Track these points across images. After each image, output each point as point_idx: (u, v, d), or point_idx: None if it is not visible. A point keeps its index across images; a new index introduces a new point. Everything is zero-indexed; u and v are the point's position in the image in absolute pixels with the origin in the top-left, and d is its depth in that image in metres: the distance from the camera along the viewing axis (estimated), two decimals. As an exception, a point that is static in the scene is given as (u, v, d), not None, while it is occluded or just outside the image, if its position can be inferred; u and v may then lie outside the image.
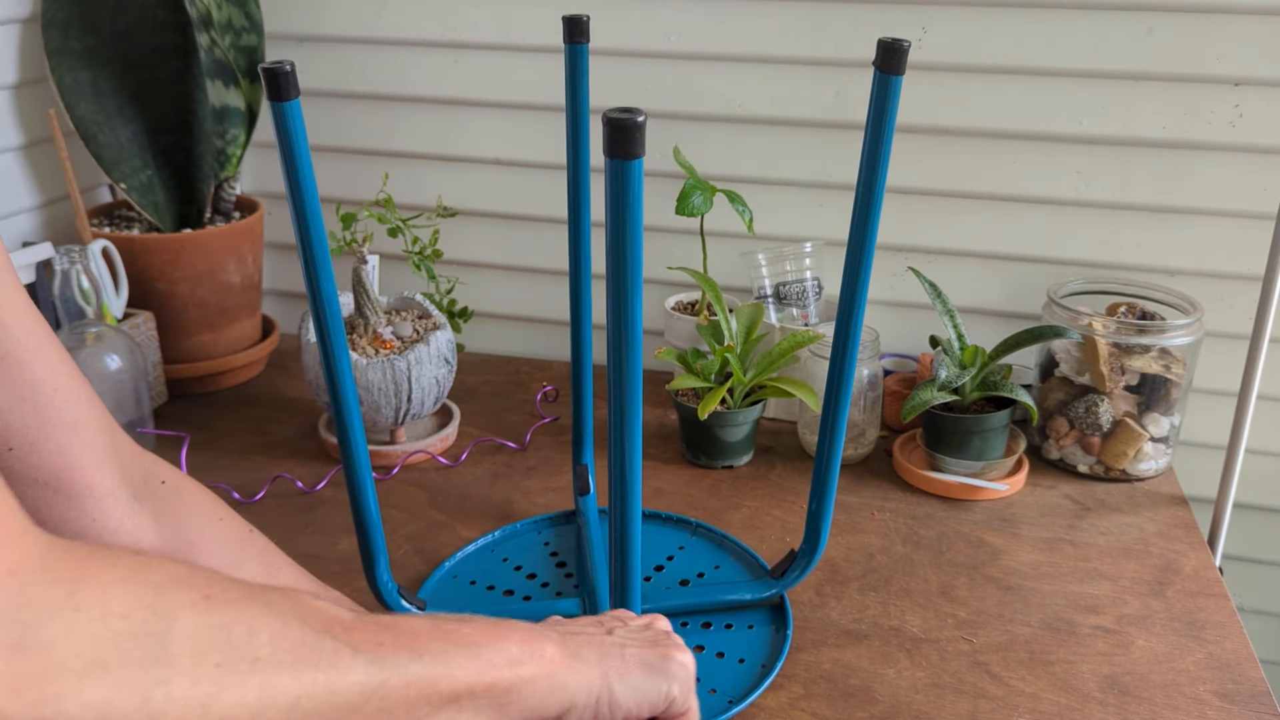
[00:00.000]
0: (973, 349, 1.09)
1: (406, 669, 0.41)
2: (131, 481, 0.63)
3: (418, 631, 0.43)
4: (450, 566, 0.97)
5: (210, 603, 0.35)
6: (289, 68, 0.64)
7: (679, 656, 0.57)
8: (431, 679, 0.42)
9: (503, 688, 0.45)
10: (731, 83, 1.25)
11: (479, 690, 0.44)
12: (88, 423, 0.60)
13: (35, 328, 0.57)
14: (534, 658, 0.47)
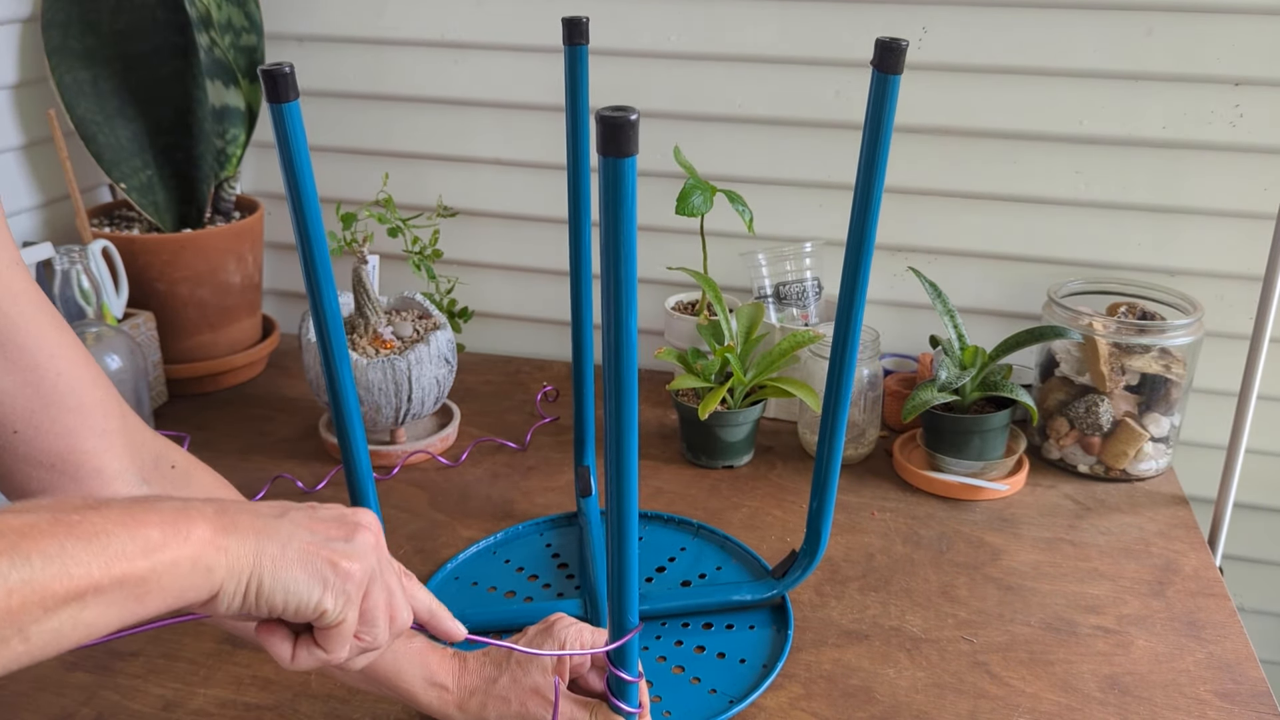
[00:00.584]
0: (973, 349, 1.09)
1: (7, 576, 0.38)
2: (141, 464, 0.63)
3: (28, 529, 0.39)
4: (452, 568, 0.97)
5: None
6: (288, 69, 0.64)
7: (345, 564, 0.50)
8: (41, 582, 0.39)
9: (137, 577, 0.42)
10: (731, 83, 1.25)
11: (105, 584, 0.41)
12: (94, 406, 0.60)
13: (38, 313, 0.58)
14: (177, 539, 0.43)
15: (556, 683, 0.70)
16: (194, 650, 0.85)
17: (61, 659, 0.84)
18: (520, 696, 0.70)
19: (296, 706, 0.79)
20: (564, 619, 0.74)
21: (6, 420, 0.58)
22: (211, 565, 0.45)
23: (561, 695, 0.70)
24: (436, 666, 0.71)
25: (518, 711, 0.70)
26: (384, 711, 0.78)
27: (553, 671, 0.70)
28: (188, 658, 0.84)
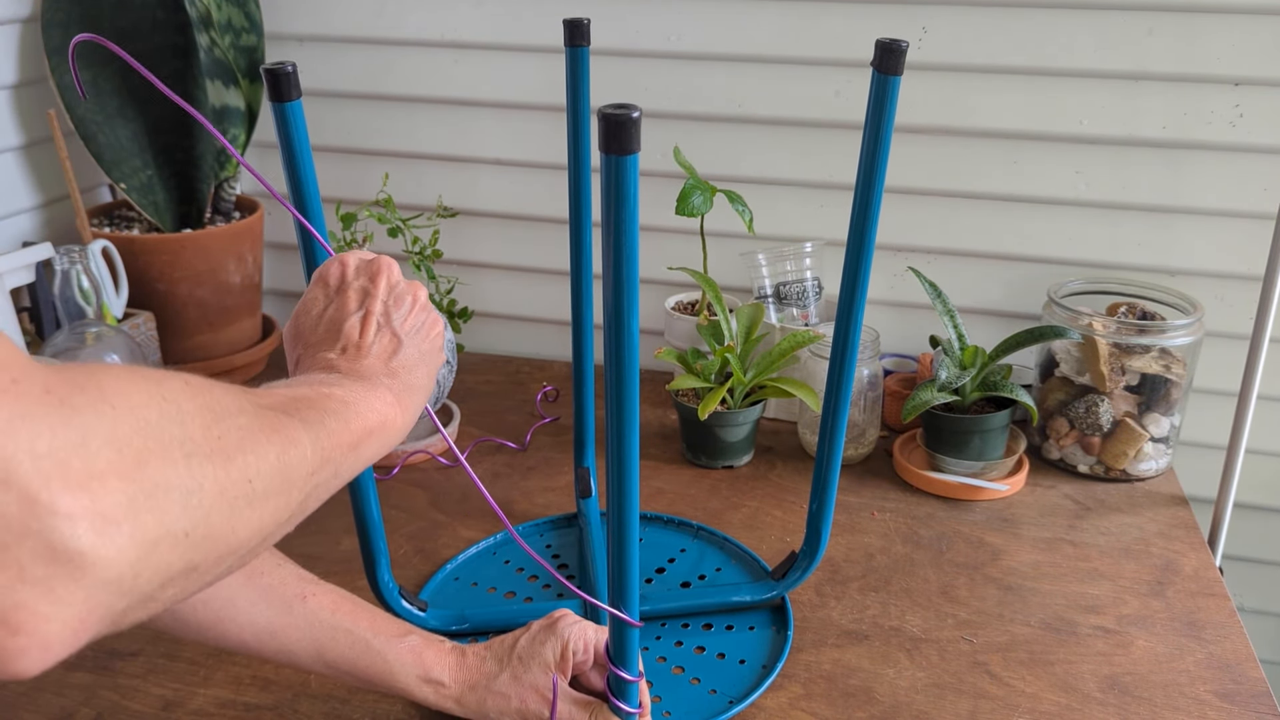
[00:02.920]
0: (973, 349, 1.09)
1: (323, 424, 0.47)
2: None
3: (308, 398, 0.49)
4: (452, 568, 0.97)
5: (190, 387, 0.38)
6: (290, 69, 0.64)
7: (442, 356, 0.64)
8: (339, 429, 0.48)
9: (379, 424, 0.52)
10: (731, 83, 1.25)
11: (371, 429, 0.51)
12: None
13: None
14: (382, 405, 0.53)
15: (556, 681, 0.70)
16: (194, 650, 0.85)
17: (61, 659, 0.84)
18: (520, 694, 0.70)
19: (296, 706, 0.79)
20: (568, 615, 0.74)
21: None
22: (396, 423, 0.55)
23: (561, 694, 0.70)
24: (432, 662, 0.71)
25: (517, 708, 0.70)
26: (384, 711, 0.78)
27: (554, 669, 0.70)
28: (187, 658, 0.84)
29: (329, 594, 0.69)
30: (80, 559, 0.30)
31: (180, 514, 0.34)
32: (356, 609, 0.70)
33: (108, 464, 0.31)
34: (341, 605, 0.69)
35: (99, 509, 0.30)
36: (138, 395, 0.34)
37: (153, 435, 0.34)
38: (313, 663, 0.68)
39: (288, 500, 0.42)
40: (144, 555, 0.32)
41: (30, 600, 0.29)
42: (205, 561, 0.36)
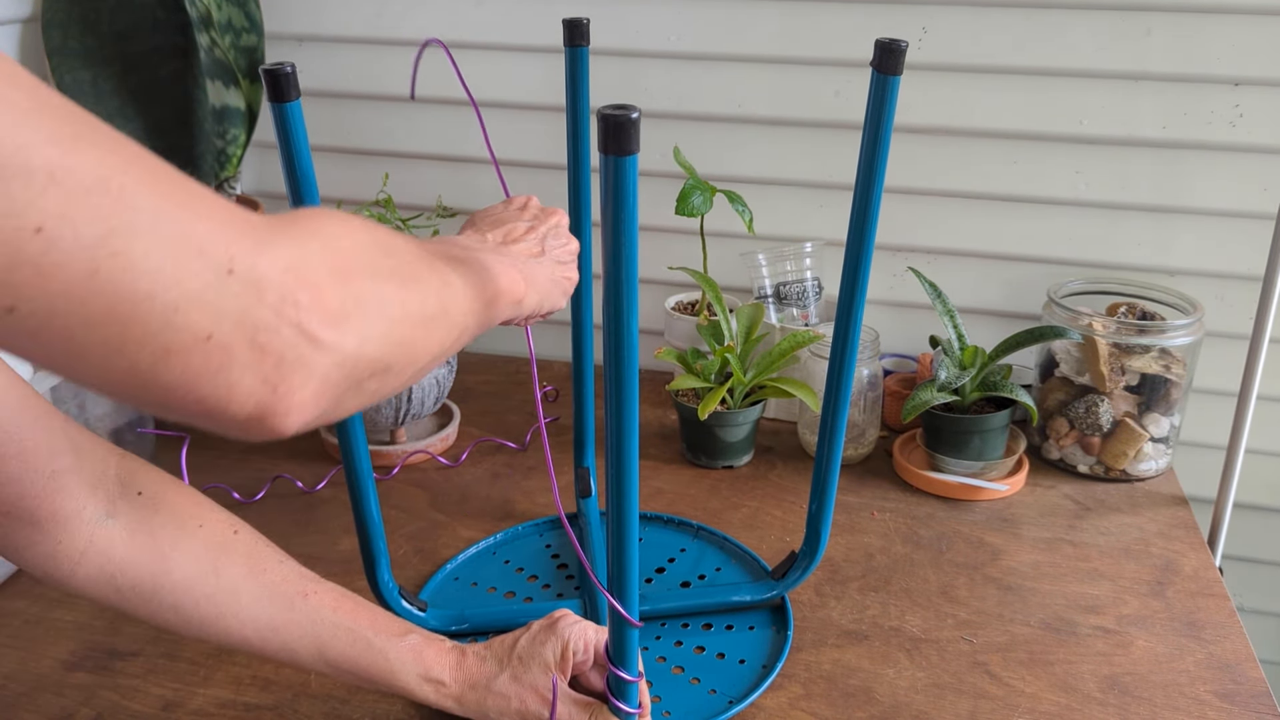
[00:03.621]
0: (973, 349, 1.09)
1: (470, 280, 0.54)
2: (105, 496, 0.62)
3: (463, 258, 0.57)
4: (452, 568, 0.97)
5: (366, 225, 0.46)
6: (289, 69, 0.64)
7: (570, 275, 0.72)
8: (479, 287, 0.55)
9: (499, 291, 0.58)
10: (731, 83, 1.25)
11: (501, 294, 0.58)
12: (36, 448, 0.58)
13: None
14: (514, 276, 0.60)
15: (555, 681, 0.70)
16: (194, 650, 0.85)
17: (61, 660, 0.84)
18: (520, 694, 0.70)
19: (296, 706, 0.79)
20: (568, 615, 0.74)
21: None
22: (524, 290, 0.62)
23: (561, 694, 0.70)
24: (432, 661, 0.71)
25: (517, 709, 0.70)
26: (384, 711, 0.78)
27: (554, 669, 0.70)
28: (187, 658, 0.84)
29: (330, 592, 0.69)
30: (320, 343, 0.39)
31: (378, 320, 0.42)
32: (358, 607, 0.70)
33: (329, 276, 0.40)
34: (343, 604, 0.69)
35: (330, 307, 0.39)
36: (334, 228, 0.43)
37: (351, 258, 0.42)
38: (313, 661, 0.68)
39: (448, 330, 0.50)
40: (359, 346, 0.41)
41: (287, 374, 0.38)
42: (397, 364, 0.44)
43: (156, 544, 0.63)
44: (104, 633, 0.87)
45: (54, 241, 0.32)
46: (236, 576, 0.66)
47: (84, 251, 0.32)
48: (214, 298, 0.35)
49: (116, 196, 0.33)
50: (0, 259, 0.31)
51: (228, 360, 0.36)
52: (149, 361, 0.35)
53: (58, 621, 0.89)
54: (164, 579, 0.63)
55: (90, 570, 0.61)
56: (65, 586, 0.62)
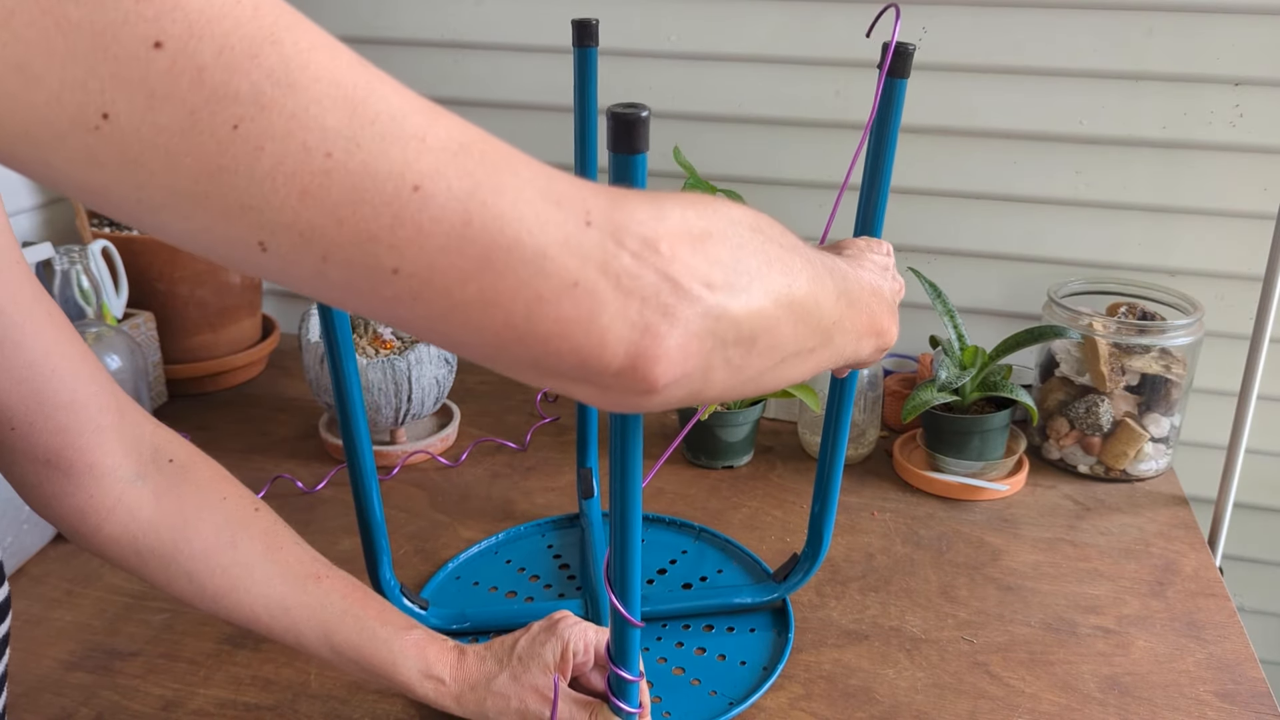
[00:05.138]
0: (973, 349, 1.09)
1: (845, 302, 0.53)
2: (139, 459, 0.64)
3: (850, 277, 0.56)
4: (453, 567, 0.97)
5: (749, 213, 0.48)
6: None
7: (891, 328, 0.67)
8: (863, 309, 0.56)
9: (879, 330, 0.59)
10: (732, 83, 1.25)
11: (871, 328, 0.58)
12: (87, 401, 0.61)
13: (34, 309, 0.58)
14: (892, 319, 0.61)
15: (556, 681, 0.70)
16: (194, 650, 0.85)
17: (61, 659, 0.84)
18: (520, 694, 0.70)
19: (296, 706, 0.79)
20: (569, 617, 0.74)
21: (3, 418, 0.58)
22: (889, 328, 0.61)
23: (561, 694, 0.70)
24: (434, 658, 0.71)
25: (517, 709, 0.70)
26: (384, 711, 0.78)
27: (554, 670, 0.70)
28: (187, 658, 0.84)
29: (341, 579, 0.70)
30: (683, 290, 0.39)
31: (743, 281, 0.42)
32: (366, 597, 0.70)
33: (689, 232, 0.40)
34: (353, 591, 0.70)
35: (690, 260, 0.40)
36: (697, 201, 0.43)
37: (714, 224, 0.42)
38: (318, 644, 0.68)
39: (813, 331, 0.49)
40: (725, 301, 0.41)
41: (655, 320, 0.38)
42: (762, 340, 0.44)
43: (181, 511, 0.65)
44: (104, 633, 0.87)
45: (431, 196, 0.34)
46: (253, 552, 0.67)
47: (457, 203, 0.34)
48: (577, 244, 0.37)
49: (479, 157, 0.35)
50: (385, 218, 0.33)
51: (597, 306, 0.37)
52: (523, 312, 0.36)
53: (58, 621, 0.89)
54: (184, 546, 0.64)
55: (115, 529, 0.63)
56: (89, 542, 0.63)
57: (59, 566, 0.95)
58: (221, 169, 0.31)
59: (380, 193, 0.33)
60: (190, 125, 0.30)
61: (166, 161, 0.31)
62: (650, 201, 0.40)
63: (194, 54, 0.30)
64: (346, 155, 0.33)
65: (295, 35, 0.33)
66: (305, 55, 0.33)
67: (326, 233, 0.33)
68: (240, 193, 0.32)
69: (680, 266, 0.39)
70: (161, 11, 0.30)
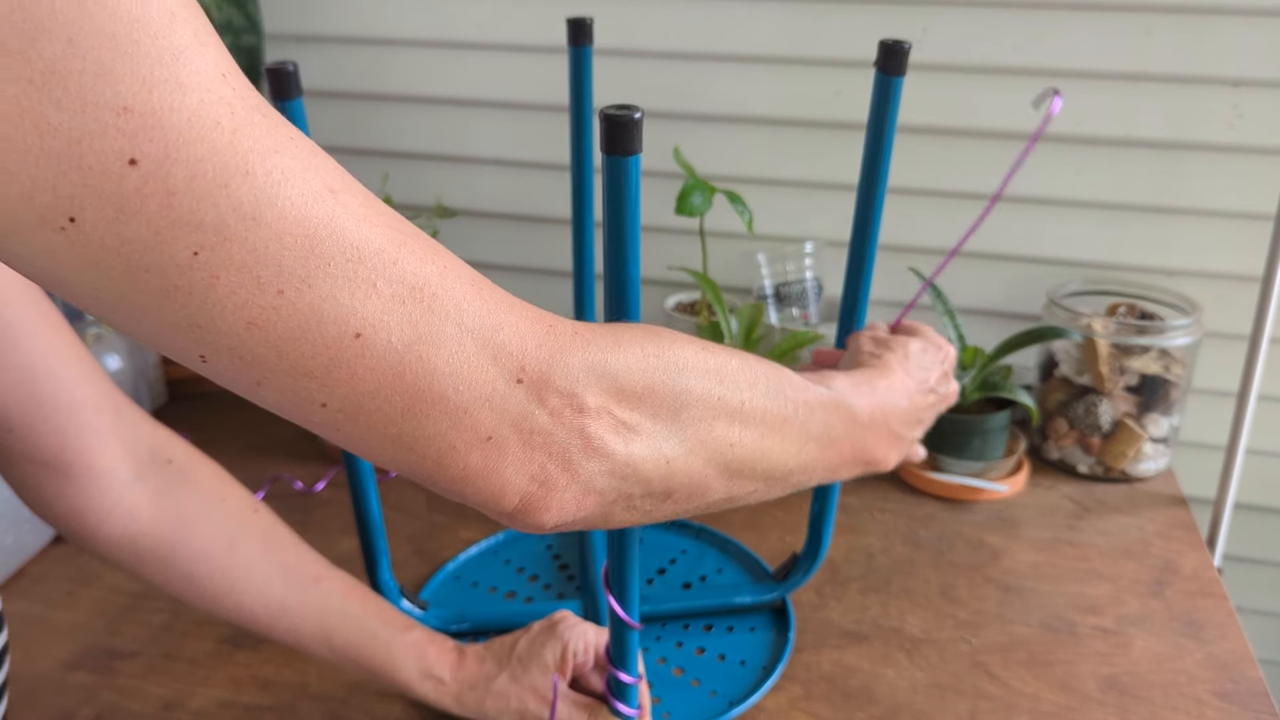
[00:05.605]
0: (973, 350, 1.09)
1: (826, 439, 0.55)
2: (137, 460, 0.64)
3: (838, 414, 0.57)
4: (453, 568, 0.97)
5: (706, 351, 0.47)
6: (292, 68, 0.64)
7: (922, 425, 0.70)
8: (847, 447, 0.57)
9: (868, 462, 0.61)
10: (731, 83, 1.25)
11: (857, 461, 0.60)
12: (86, 403, 0.61)
13: (32, 310, 0.58)
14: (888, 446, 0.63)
15: (556, 682, 0.70)
16: (194, 650, 0.85)
17: (61, 660, 0.84)
18: (519, 695, 0.70)
19: (296, 707, 0.79)
20: (569, 617, 0.74)
21: (1, 420, 0.58)
22: None
23: (561, 695, 0.70)
24: (434, 659, 0.71)
25: (516, 709, 0.70)
26: (384, 712, 0.78)
27: (553, 671, 0.71)
28: (187, 658, 0.84)
29: (341, 579, 0.70)
30: (593, 451, 0.41)
31: (667, 449, 0.44)
32: (366, 597, 0.70)
33: (621, 388, 0.42)
34: (353, 592, 0.70)
35: (612, 419, 0.41)
36: (653, 345, 0.44)
37: (658, 377, 0.43)
38: (318, 645, 0.69)
39: (747, 480, 0.49)
40: (637, 465, 0.42)
41: (555, 475, 0.40)
42: (680, 493, 0.45)
43: (180, 512, 0.65)
44: (104, 633, 0.87)
45: (370, 345, 0.35)
46: (253, 553, 0.67)
47: (394, 355, 0.35)
48: (500, 402, 0.38)
49: (428, 303, 0.36)
50: (322, 358, 0.34)
51: (502, 459, 0.39)
52: (434, 457, 0.38)
53: (58, 621, 0.89)
54: (183, 548, 0.65)
55: (114, 530, 0.63)
56: (88, 544, 0.64)
57: (59, 566, 0.95)
58: (176, 289, 0.32)
59: (323, 335, 0.34)
60: (153, 244, 0.31)
61: (125, 271, 0.31)
62: (601, 349, 0.41)
63: (166, 176, 0.30)
64: (297, 294, 0.33)
65: (269, 165, 0.32)
66: (276, 189, 0.32)
67: (266, 361, 0.34)
68: (190, 312, 0.32)
69: (598, 423, 0.41)
70: (140, 128, 0.30)
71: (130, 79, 0.29)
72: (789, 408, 0.51)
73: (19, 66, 0.28)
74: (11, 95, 0.28)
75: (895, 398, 0.64)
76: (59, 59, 0.28)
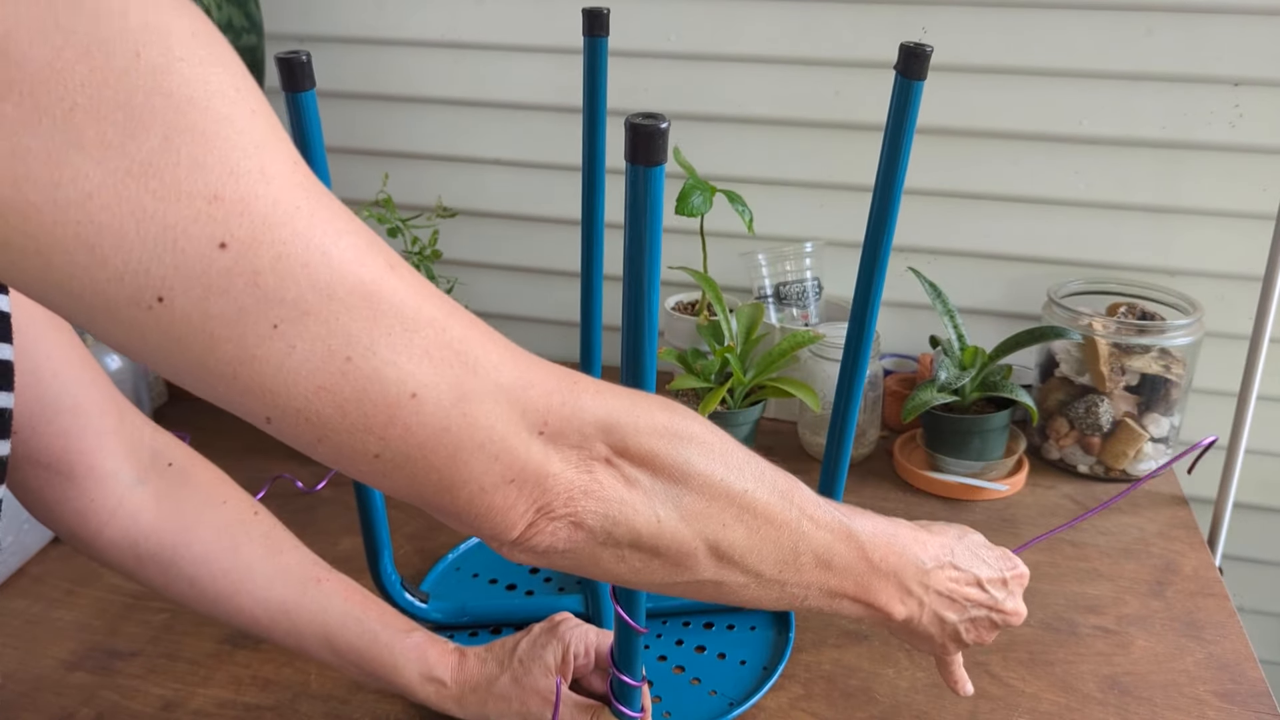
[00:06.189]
0: (973, 349, 1.09)
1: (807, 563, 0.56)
2: (138, 463, 0.64)
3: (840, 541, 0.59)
4: (453, 559, 0.97)
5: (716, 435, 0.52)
6: (305, 57, 0.63)
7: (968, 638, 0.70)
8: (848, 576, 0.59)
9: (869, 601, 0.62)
10: (731, 83, 1.25)
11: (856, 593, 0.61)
12: (89, 406, 0.61)
13: (35, 313, 0.58)
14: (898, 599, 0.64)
15: (558, 683, 0.70)
16: (194, 650, 0.85)
17: (61, 660, 0.84)
18: (521, 696, 0.70)
19: (296, 707, 0.79)
20: (569, 619, 0.74)
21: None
22: None
23: (563, 697, 0.70)
24: (435, 661, 0.71)
25: (518, 711, 0.70)
26: (384, 712, 0.78)
27: (555, 672, 0.70)
28: (188, 658, 0.84)
29: (341, 581, 0.70)
30: (597, 496, 0.45)
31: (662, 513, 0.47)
32: (366, 599, 0.70)
33: (641, 451, 0.46)
34: (353, 595, 0.70)
35: (626, 475, 0.46)
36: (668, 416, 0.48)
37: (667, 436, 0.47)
38: (319, 647, 0.68)
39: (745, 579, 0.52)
40: (632, 513, 0.46)
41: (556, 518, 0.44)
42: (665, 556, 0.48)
43: (181, 515, 0.65)
44: (104, 633, 0.87)
45: (423, 404, 0.38)
46: (254, 556, 0.67)
47: (443, 412, 0.39)
48: (525, 450, 0.42)
49: (471, 367, 0.40)
50: (382, 416, 0.38)
51: (520, 499, 0.43)
52: (466, 496, 0.42)
53: (58, 621, 0.89)
54: (184, 550, 0.65)
55: (115, 533, 0.63)
56: (90, 547, 0.64)
57: (59, 566, 0.95)
58: (254, 358, 0.35)
59: (384, 395, 0.37)
60: (237, 319, 0.34)
61: (207, 344, 0.34)
62: (615, 408, 0.45)
63: (254, 258, 0.33)
64: (363, 360, 0.36)
65: (343, 244, 0.36)
66: (348, 267, 0.36)
67: (330, 421, 0.37)
68: (265, 379, 0.35)
69: (605, 471, 0.45)
70: (231, 214, 0.32)
71: (220, 169, 0.32)
72: (791, 512, 0.54)
73: (118, 159, 0.30)
74: (111, 185, 0.30)
75: (918, 551, 0.65)
76: (156, 152, 0.31)
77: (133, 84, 0.30)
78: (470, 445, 0.40)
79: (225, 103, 0.32)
